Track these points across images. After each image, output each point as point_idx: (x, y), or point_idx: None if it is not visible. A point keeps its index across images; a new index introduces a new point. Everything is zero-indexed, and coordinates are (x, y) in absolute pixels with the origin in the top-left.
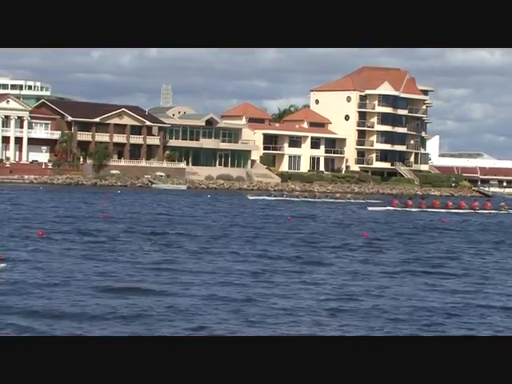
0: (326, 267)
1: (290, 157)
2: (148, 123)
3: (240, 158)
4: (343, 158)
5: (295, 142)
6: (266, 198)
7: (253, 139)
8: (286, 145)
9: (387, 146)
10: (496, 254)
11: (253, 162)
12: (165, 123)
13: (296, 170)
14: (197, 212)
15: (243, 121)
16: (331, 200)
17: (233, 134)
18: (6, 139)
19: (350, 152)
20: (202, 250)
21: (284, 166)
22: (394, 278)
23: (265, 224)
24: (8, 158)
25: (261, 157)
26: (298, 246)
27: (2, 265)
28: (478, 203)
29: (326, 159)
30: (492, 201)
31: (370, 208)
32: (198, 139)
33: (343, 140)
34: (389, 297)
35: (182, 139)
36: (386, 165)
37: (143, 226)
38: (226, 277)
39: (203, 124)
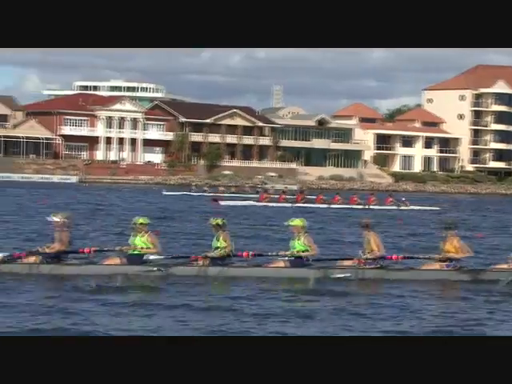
0: None
1: (402, 157)
2: (259, 124)
3: (352, 158)
4: (457, 157)
5: (408, 141)
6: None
7: (364, 139)
8: (398, 145)
9: (503, 146)
10: None
11: (364, 162)
12: (276, 124)
13: (408, 170)
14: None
15: (354, 121)
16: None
17: (344, 134)
18: (121, 140)
19: (464, 152)
20: None
21: (396, 166)
22: None
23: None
24: (123, 159)
25: (372, 157)
26: None
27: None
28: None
29: (440, 159)
30: (375, 195)
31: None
32: (309, 139)
33: (457, 139)
34: None
35: (294, 139)
36: (502, 164)
37: None
38: None
39: (314, 124)
